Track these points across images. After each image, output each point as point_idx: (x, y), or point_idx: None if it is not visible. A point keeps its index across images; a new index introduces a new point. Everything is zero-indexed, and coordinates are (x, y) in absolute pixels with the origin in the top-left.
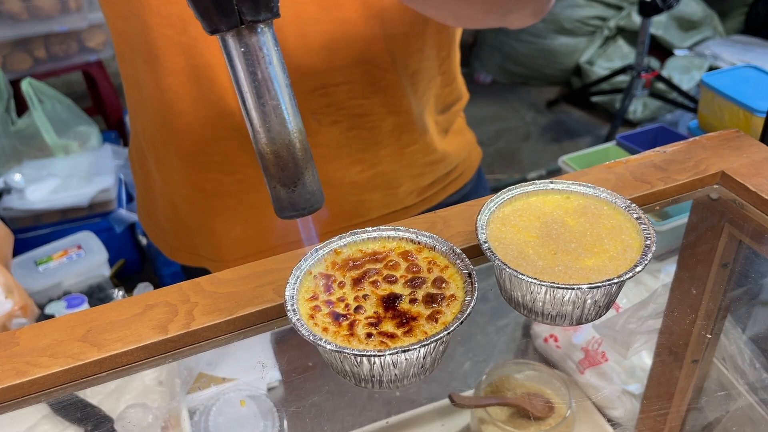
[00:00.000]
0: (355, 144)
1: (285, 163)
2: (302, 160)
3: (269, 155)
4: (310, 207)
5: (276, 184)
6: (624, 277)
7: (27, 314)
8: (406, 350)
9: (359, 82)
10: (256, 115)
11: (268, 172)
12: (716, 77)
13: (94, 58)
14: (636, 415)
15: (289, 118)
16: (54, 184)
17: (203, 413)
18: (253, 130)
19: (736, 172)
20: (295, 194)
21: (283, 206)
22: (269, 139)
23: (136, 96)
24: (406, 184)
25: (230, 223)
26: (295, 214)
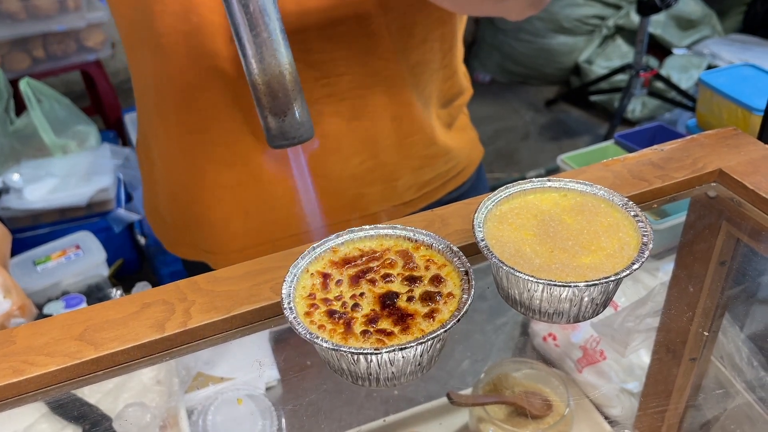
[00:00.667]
0: (355, 135)
1: (275, 93)
2: (292, 90)
3: (261, 86)
4: (299, 136)
5: (267, 114)
6: (621, 275)
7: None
8: (403, 348)
9: (361, 72)
10: (249, 46)
11: (260, 103)
12: (714, 76)
13: (93, 57)
14: (634, 413)
15: (280, 49)
16: (52, 183)
17: (201, 412)
18: (246, 62)
19: (734, 170)
20: (285, 123)
21: (273, 135)
22: (261, 70)
23: (142, 84)
24: (405, 177)
25: (230, 214)
26: (285, 143)
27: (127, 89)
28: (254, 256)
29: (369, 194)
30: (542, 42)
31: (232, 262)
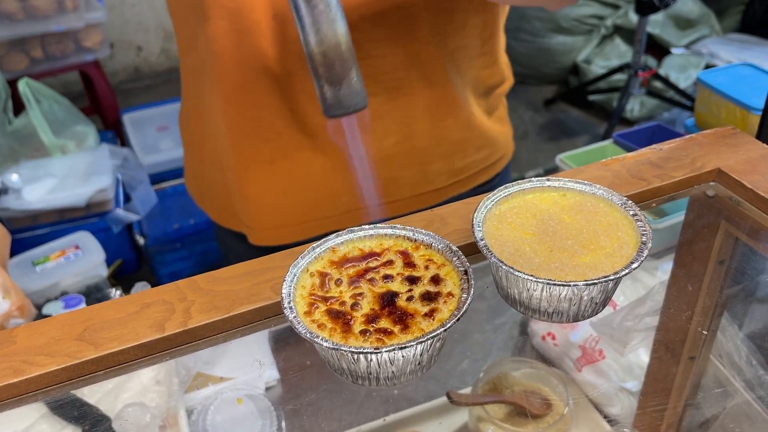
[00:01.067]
0: (390, 116)
1: (332, 63)
2: (348, 60)
3: (318, 56)
4: (355, 105)
5: (324, 83)
6: (620, 274)
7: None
8: (403, 347)
9: (400, 54)
10: (306, 17)
11: (316, 73)
12: (713, 75)
13: (91, 57)
14: (633, 412)
15: (336, 19)
16: (51, 184)
17: (201, 412)
18: (303, 33)
19: (733, 169)
20: (341, 93)
21: (330, 105)
22: (318, 40)
23: (193, 59)
24: (438, 162)
25: (266, 191)
26: (341, 112)
27: (126, 89)
28: (288, 236)
29: (401, 178)
30: (541, 42)
31: (267, 238)
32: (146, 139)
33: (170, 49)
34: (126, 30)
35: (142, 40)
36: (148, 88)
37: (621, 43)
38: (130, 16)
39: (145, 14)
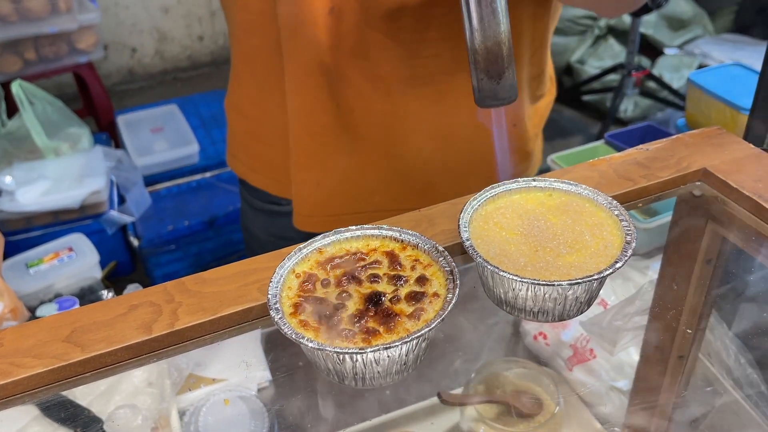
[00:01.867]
0: (433, 120)
1: (495, 58)
2: (508, 56)
3: (482, 51)
4: (509, 97)
5: (483, 76)
6: (604, 274)
7: (17, 317)
8: (388, 347)
9: (447, 57)
10: (476, 14)
11: (478, 66)
12: (703, 75)
13: (85, 59)
14: (624, 411)
15: (503, 19)
16: (45, 186)
17: (193, 414)
18: (471, 28)
19: (718, 169)
20: (499, 86)
21: (486, 96)
22: (485, 36)
23: (252, 44)
24: (475, 172)
25: (305, 181)
26: (496, 102)
27: (120, 91)
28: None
29: (438, 184)
30: None
31: (305, 224)
32: (140, 141)
33: (164, 50)
34: (120, 32)
35: (136, 42)
36: (142, 90)
37: (615, 44)
38: (124, 18)
39: (139, 16)
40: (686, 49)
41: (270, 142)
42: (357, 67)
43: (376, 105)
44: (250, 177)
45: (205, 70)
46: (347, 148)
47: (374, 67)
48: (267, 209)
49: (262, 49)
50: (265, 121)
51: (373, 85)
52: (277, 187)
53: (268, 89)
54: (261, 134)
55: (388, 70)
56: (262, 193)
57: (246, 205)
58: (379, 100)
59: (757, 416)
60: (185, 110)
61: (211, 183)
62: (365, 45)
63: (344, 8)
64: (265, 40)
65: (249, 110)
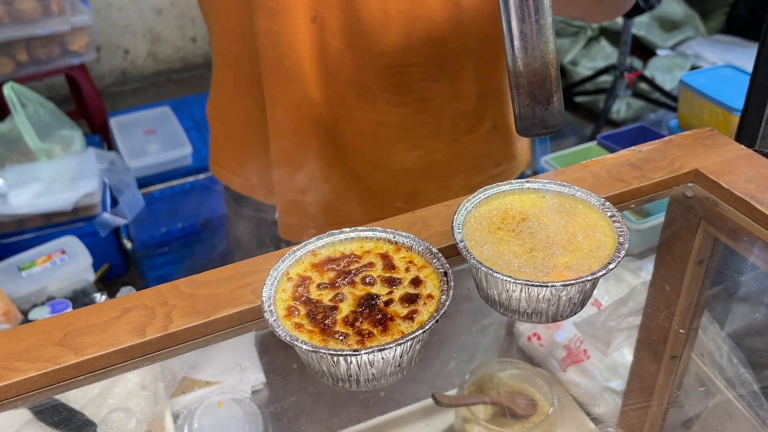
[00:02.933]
0: (418, 128)
1: (543, 81)
2: (556, 79)
3: (528, 73)
4: (558, 125)
5: (529, 101)
6: (597, 275)
7: (10, 320)
8: (382, 349)
9: (431, 64)
10: (519, 34)
11: (521, 90)
12: (695, 77)
13: (78, 61)
14: (618, 411)
15: (551, 38)
16: (37, 188)
17: (187, 417)
18: (514, 49)
19: (710, 170)
20: (548, 112)
21: (532, 124)
22: (532, 57)
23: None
24: (458, 177)
25: (288, 189)
26: (544, 131)
27: (113, 93)
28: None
29: (424, 191)
30: None
31: (288, 233)
32: (133, 143)
33: (157, 52)
34: (113, 33)
35: (128, 44)
36: (135, 92)
37: (607, 45)
38: (116, 19)
39: (132, 17)
40: (678, 50)
41: (253, 148)
42: (340, 76)
43: (360, 114)
44: (235, 183)
45: (198, 72)
46: (332, 158)
47: (358, 76)
48: (253, 217)
49: (244, 57)
50: (247, 128)
51: (356, 93)
52: (262, 192)
53: (251, 96)
54: (244, 141)
55: (372, 79)
56: (248, 201)
57: (232, 213)
58: (362, 109)
59: (749, 415)
60: (178, 112)
61: (204, 185)
62: (348, 54)
63: (327, 17)
64: (247, 48)
65: (231, 117)
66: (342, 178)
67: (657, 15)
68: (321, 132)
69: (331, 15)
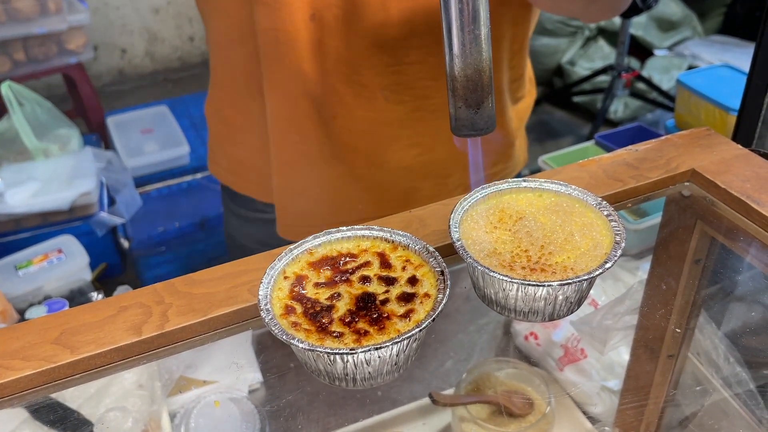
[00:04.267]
0: (416, 126)
1: (474, 86)
2: (488, 85)
3: (462, 78)
4: (486, 128)
5: (462, 104)
6: (594, 274)
7: (6, 319)
8: (379, 348)
9: (431, 63)
10: (457, 41)
11: (456, 94)
12: (692, 77)
13: (75, 60)
14: (614, 410)
15: (485, 47)
16: (34, 187)
17: (184, 416)
18: (451, 54)
19: (707, 169)
20: (477, 115)
21: (463, 125)
22: (465, 64)
23: (232, 52)
24: (456, 175)
25: (287, 189)
26: (474, 133)
27: (110, 92)
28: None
29: (421, 189)
30: None
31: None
32: (130, 142)
33: (154, 51)
34: (110, 32)
35: (126, 43)
36: (133, 91)
37: (605, 45)
38: (114, 19)
39: (130, 17)
40: (675, 50)
41: (253, 147)
42: (339, 73)
43: (359, 112)
44: (234, 183)
45: (195, 71)
46: (330, 157)
47: (357, 74)
48: (251, 217)
49: (244, 56)
50: (247, 127)
51: (355, 91)
52: (262, 192)
53: (250, 95)
54: (243, 140)
55: (371, 77)
56: (246, 201)
57: (229, 214)
58: (361, 106)
59: (746, 415)
60: (175, 111)
61: (201, 184)
62: (348, 51)
63: (326, 15)
64: (247, 47)
65: (231, 116)
66: (340, 176)
67: (654, 15)
68: (319, 130)
69: (330, 12)
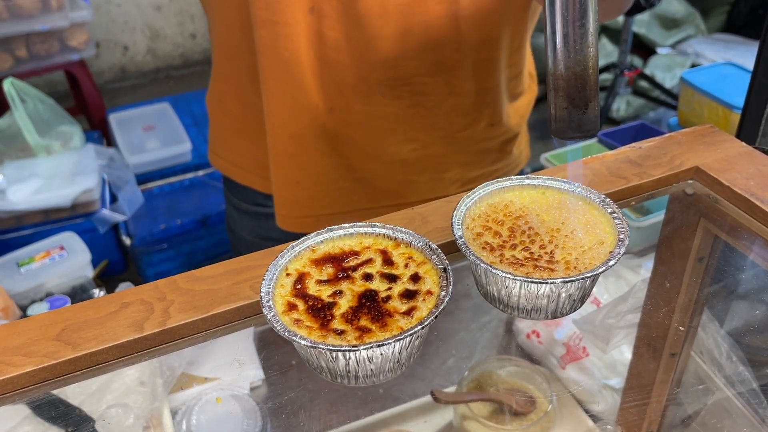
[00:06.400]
0: (412, 121)
1: (583, 85)
2: (595, 84)
3: (568, 77)
4: (593, 130)
5: (568, 105)
6: (597, 271)
7: (8, 316)
8: (381, 345)
9: (428, 59)
10: (563, 38)
11: (559, 93)
12: (696, 75)
13: (77, 57)
14: (616, 408)
15: (594, 42)
16: (36, 184)
17: (185, 413)
18: (556, 53)
19: (710, 167)
20: (584, 116)
21: (567, 127)
22: (574, 61)
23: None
24: (453, 171)
25: (284, 180)
26: (579, 135)
27: (112, 89)
28: (303, 226)
29: (416, 182)
30: None
31: (286, 224)
32: (132, 139)
33: (156, 48)
34: (112, 29)
35: (128, 40)
36: (135, 88)
37: (607, 43)
38: (116, 16)
39: (131, 13)
40: (679, 48)
41: (253, 137)
42: (337, 67)
43: (356, 106)
44: (234, 173)
45: (197, 68)
46: (326, 149)
47: (354, 68)
48: (252, 211)
49: (244, 46)
50: (248, 117)
51: (352, 85)
52: (262, 183)
53: (251, 85)
54: (244, 130)
55: (369, 71)
56: (247, 193)
57: (231, 208)
58: (358, 100)
59: (748, 413)
60: (177, 108)
61: (203, 181)
62: (346, 46)
63: (324, 8)
64: (247, 37)
65: (231, 106)
66: (336, 168)
67: (658, 13)
68: (316, 122)
69: (329, 6)
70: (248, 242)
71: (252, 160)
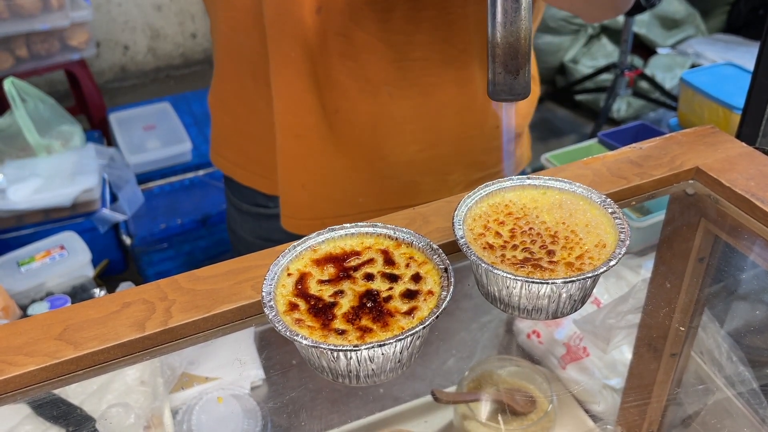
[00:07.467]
0: (419, 122)
1: (515, 53)
2: (527, 53)
3: (504, 45)
4: (523, 93)
5: (501, 70)
6: (598, 272)
7: (8, 315)
8: (382, 345)
9: (436, 60)
10: (500, 8)
11: (496, 59)
12: (696, 75)
13: (77, 57)
14: (617, 409)
15: (527, 16)
16: (36, 184)
17: (186, 413)
18: (494, 22)
19: (711, 167)
20: (515, 81)
21: (501, 90)
22: (509, 32)
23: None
24: (457, 172)
25: (289, 183)
26: (510, 97)
27: (112, 89)
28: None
29: (421, 183)
30: None
31: (291, 226)
32: (133, 139)
33: (157, 48)
34: (112, 29)
35: (128, 39)
36: (135, 88)
37: (608, 43)
38: (116, 15)
39: (132, 13)
40: (679, 48)
41: (257, 138)
42: (344, 68)
43: (362, 106)
44: (237, 174)
45: (198, 68)
46: (332, 150)
47: (362, 69)
48: (253, 212)
49: (248, 46)
50: (251, 118)
51: (359, 86)
52: (265, 183)
53: (254, 86)
54: (247, 130)
55: (376, 71)
56: (249, 194)
57: (232, 208)
58: (365, 101)
59: (748, 414)
60: (178, 108)
61: (203, 181)
62: (353, 46)
63: (332, 8)
64: (251, 38)
65: (234, 106)
66: (342, 169)
67: (658, 13)
68: (323, 124)
69: (336, 6)
70: (249, 243)
71: (254, 160)
